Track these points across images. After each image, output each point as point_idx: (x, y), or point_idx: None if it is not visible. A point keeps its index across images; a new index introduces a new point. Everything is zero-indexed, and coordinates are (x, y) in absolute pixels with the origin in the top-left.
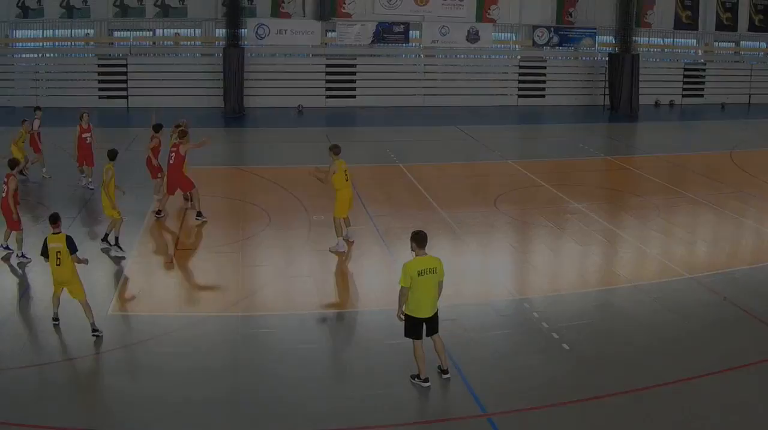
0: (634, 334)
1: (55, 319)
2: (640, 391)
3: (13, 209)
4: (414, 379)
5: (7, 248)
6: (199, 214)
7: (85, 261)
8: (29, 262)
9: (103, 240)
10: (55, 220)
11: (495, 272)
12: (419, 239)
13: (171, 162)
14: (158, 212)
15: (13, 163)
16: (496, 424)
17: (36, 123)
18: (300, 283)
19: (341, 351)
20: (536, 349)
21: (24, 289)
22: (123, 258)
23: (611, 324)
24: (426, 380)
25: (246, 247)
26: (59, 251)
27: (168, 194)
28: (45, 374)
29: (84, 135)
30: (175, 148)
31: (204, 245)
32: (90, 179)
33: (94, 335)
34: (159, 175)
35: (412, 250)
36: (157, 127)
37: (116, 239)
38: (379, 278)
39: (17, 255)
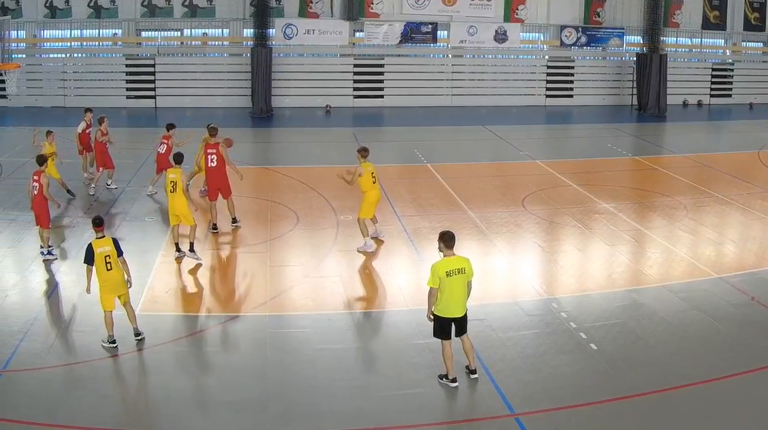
0: (662, 334)
1: (113, 342)
2: (668, 391)
3: (47, 205)
4: (442, 379)
5: (50, 252)
6: (234, 220)
7: (129, 281)
8: (54, 259)
9: (191, 250)
10: (99, 223)
11: (523, 272)
12: (447, 240)
13: (212, 165)
14: (214, 227)
15: (41, 160)
16: (524, 424)
17: (81, 125)
18: (328, 283)
19: (369, 351)
20: (564, 349)
21: (52, 288)
22: (200, 263)
23: (639, 324)
24: (454, 380)
25: (274, 247)
26: (109, 255)
27: (211, 200)
28: (73, 373)
29: (102, 138)
30: (213, 150)
31: (232, 244)
32: (111, 181)
33: (137, 340)
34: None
35: (440, 250)
36: (170, 126)
37: (191, 244)
38: (407, 277)
39: (41, 252)
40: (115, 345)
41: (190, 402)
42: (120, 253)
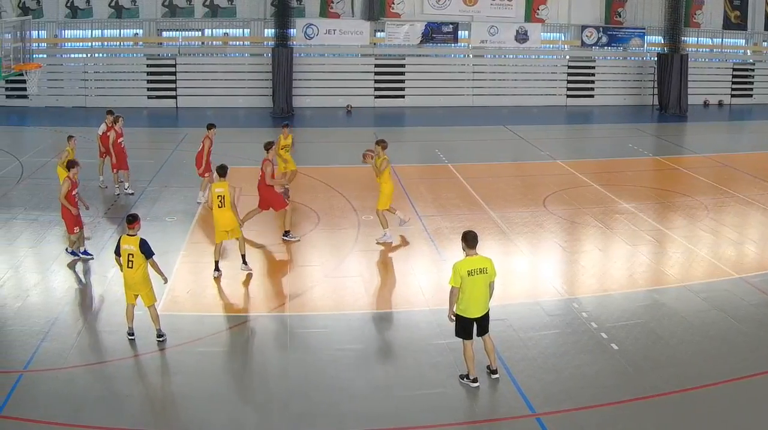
0: (683, 334)
1: (131, 334)
2: (689, 391)
3: (70, 210)
4: (463, 379)
5: (85, 252)
6: (286, 233)
7: (164, 277)
8: (78, 258)
9: (244, 263)
10: (132, 220)
11: (544, 272)
12: (469, 239)
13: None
14: (286, 233)
15: (70, 164)
16: (545, 424)
17: (102, 127)
18: (349, 283)
19: (390, 351)
20: (585, 349)
21: (75, 288)
22: (251, 274)
23: (660, 324)
24: (475, 380)
25: (295, 247)
26: (131, 254)
27: (260, 209)
28: (94, 373)
29: (119, 140)
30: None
31: (253, 244)
32: (128, 184)
33: (159, 340)
34: (207, 174)
35: (463, 250)
36: (210, 126)
37: (243, 256)
38: (428, 277)
39: (66, 250)
40: (132, 337)
41: (212, 402)
42: (149, 254)
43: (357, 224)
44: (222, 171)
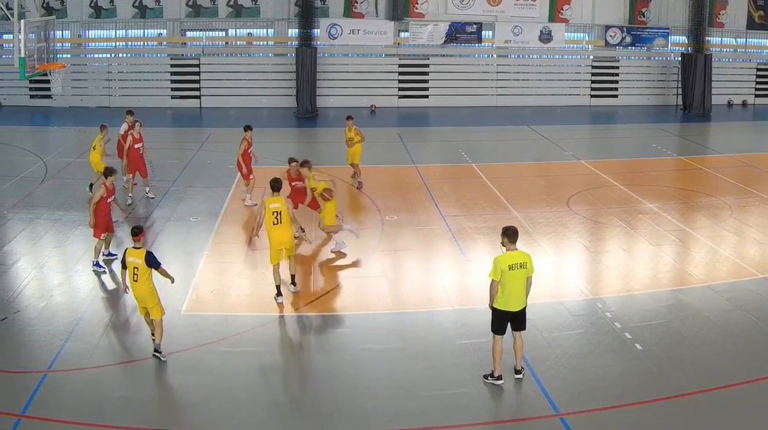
0: (707, 334)
1: (157, 350)
2: (713, 391)
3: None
4: (487, 378)
5: (110, 253)
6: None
7: (171, 278)
8: (103, 271)
9: (292, 283)
10: (137, 232)
11: (568, 272)
12: (510, 234)
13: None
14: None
15: (108, 172)
16: (569, 424)
17: (123, 127)
18: (372, 283)
19: (413, 351)
20: (609, 349)
21: (97, 290)
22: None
23: (684, 324)
24: (500, 378)
25: (318, 247)
26: (137, 267)
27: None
28: (118, 373)
29: (137, 145)
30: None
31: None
32: (148, 188)
33: (154, 356)
34: (251, 176)
35: (503, 244)
36: (246, 127)
37: (293, 277)
38: (452, 277)
39: (93, 262)
40: (160, 355)
41: (235, 402)
42: (156, 265)
43: (380, 224)
44: (276, 185)
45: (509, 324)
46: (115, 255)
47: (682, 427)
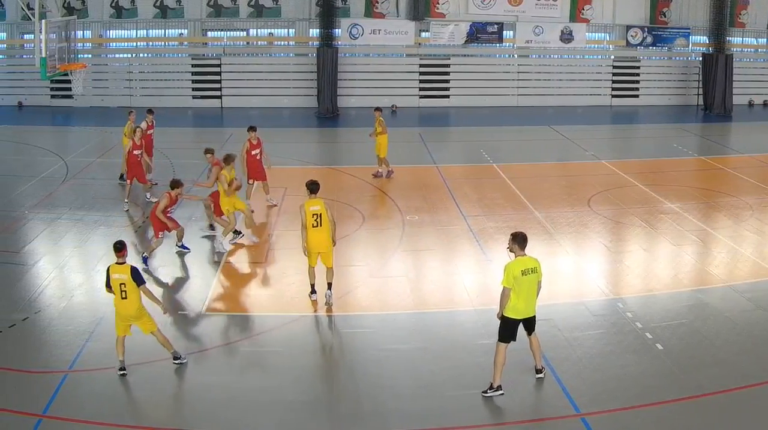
0: (728, 334)
1: (122, 369)
2: (734, 391)
3: (164, 222)
4: (486, 392)
5: (183, 247)
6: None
7: (162, 306)
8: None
9: (329, 289)
10: (120, 248)
11: (589, 272)
12: (520, 240)
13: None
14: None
15: (175, 184)
16: (590, 424)
17: (143, 125)
18: (393, 283)
19: (435, 351)
20: (630, 349)
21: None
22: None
23: (705, 324)
24: (499, 389)
25: (340, 247)
26: (124, 283)
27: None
28: (138, 373)
29: (136, 151)
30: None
31: (297, 245)
32: (149, 194)
33: (176, 363)
34: (251, 180)
35: (512, 251)
36: (249, 128)
37: (329, 284)
38: (473, 277)
39: (143, 257)
40: (123, 372)
41: (256, 402)
42: (140, 282)
43: (402, 224)
44: (314, 187)
45: (520, 330)
46: (189, 249)
47: (703, 427)
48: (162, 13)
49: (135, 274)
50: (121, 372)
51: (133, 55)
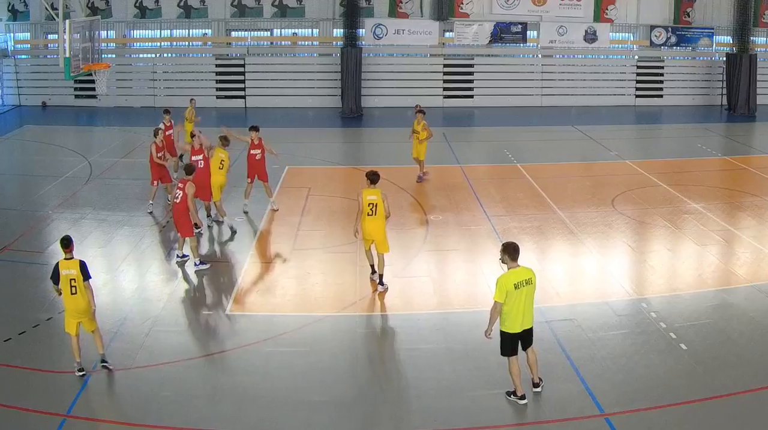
0: (753, 334)
1: (81, 370)
2: (759, 391)
3: (193, 215)
4: (510, 396)
5: (184, 256)
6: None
7: (93, 304)
8: (208, 267)
9: (381, 284)
10: (67, 244)
11: (613, 272)
12: (511, 251)
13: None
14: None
15: (189, 170)
16: (614, 424)
17: (162, 126)
18: (417, 283)
19: (458, 351)
20: (654, 349)
21: (141, 290)
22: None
23: (729, 324)
24: (523, 397)
25: (363, 247)
26: (73, 279)
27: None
28: (162, 373)
29: (159, 153)
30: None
31: (321, 244)
32: (151, 202)
33: (103, 367)
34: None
35: (504, 262)
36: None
37: (381, 276)
38: (496, 277)
39: (195, 263)
40: (82, 373)
41: (280, 402)
42: (86, 277)
43: (426, 224)
44: (374, 178)
45: (519, 344)
46: (208, 265)
47: (727, 427)
48: (186, 13)
49: (84, 268)
50: (80, 373)
51: (157, 55)
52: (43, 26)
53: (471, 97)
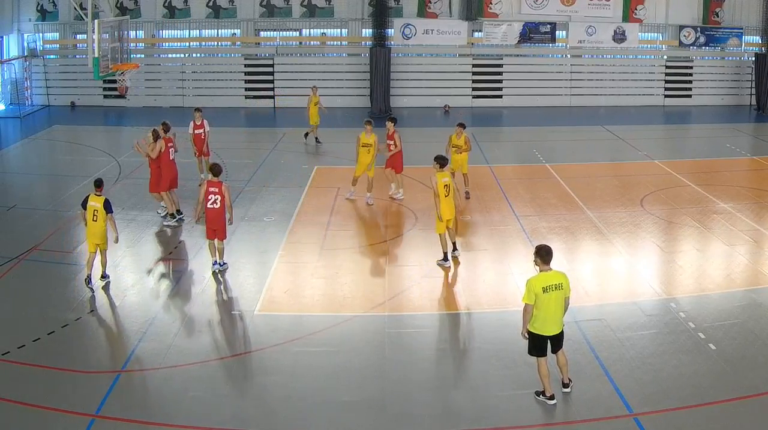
0: None
1: (88, 281)
2: None
3: (230, 217)
4: (539, 396)
5: (222, 263)
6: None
7: (116, 234)
8: (226, 268)
9: (455, 250)
10: (99, 184)
11: (641, 272)
12: (543, 254)
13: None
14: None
15: (217, 170)
16: (643, 424)
17: (191, 125)
18: (446, 283)
19: (487, 351)
20: (682, 349)
21: (171, 289)
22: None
23: (758, 324)
24: (552, 398)
25: (392, 247)
26: (96, 210)
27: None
28: (191, 373)
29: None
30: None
31: (350, 245)
32: (163, 205)
33: (102, 278)
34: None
35: (536, 265)
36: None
37: (454, 243)
38: (525, 278)
39: (219, 263)
40: (90, 286)
41: (309, 402)
42: (109, 211)
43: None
44: (444, 161)
45: (548, 346)
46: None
47: (755, 427)
48: (215, 13)
49: (107, 204)
50: (89, 285)
51: (186, 55)
52: (72, 26)
53: (500, 97)
